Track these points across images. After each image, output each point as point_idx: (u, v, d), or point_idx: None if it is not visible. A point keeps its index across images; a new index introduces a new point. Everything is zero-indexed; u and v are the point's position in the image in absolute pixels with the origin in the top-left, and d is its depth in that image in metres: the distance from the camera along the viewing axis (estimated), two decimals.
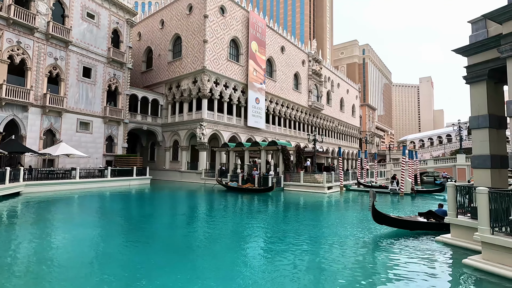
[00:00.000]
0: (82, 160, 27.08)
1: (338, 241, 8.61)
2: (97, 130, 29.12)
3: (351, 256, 7.29)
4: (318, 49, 72.33)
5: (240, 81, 36.96)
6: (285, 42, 46.74)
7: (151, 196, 21.69)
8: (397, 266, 6.68)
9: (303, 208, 16.39)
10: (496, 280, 5.88)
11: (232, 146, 28.89)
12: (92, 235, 9.32)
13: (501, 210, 6.20)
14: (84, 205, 16.62)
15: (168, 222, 12.31)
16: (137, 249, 7.98)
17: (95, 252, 7.60)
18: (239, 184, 24.18)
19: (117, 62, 30.95)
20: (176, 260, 7.00)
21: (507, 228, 6.11)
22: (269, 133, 42.38)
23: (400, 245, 8.28)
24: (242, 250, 7.95)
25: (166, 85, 36.92)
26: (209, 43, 32.57)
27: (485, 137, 7.98)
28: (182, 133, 34.46)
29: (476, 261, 6.40)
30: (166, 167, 36.05)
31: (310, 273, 6.20)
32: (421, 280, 5.93)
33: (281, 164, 24.97)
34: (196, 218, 13.38)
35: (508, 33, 6.38)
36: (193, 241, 9.04)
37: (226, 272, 6.21)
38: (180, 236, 9.68)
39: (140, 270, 6.21)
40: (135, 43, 42.03)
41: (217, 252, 7.80)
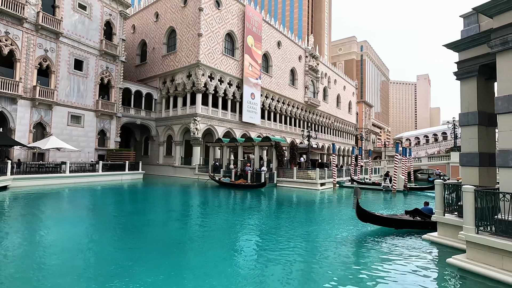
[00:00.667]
0: (74, 154, 26.72)
1: (323, 239, 8.47)
2: (89, 123, 28.69)
3: (333, 255, 7.14)
4: (315, 44, 71.88)
5: (235, 76, 36.58)
6: (282, 37, 46.28)
7: (142, 191, 21.45)
8: (380, 265, 6.55)
9: (292, 205, 16.26)
10: (479, 279, 5.77)
11: (226, 141, 28.65)
12: (76, 231, 9.10)
13: (487, 209, 6.07)
14: (72, 200, 16.36)
15: (156, 218, 12.10)
16: (121, 245, 7.78)
17: (77, 247, 7.38)
18: (232, 180, 24.00)
19: (109, 54, 30.41)
20: (160, 257, 6.81)
21: (492, 228, 5.98)
22: (265, 128, 42.16)
23: (385, 244, 8.16)
24: (227, 248, 7.78)
25: (160, 79, 36.46)
26: (203, 37, 32.10)
27: (474, 134, 7.83)
28: (176, 127, 34.13)
29: (460, 261, 6.28)
30: (160, 162, 35.76)
31: (291, 273, 6.05)
32: (403, 279, 5.81)
33: (274, 160, 24.81)
34: (185, 214, 13.20)
35: (499, 27, 6.19)
36: (179, 237, 8.87)
37: (207, 270, 6.04)
38: (166, 232, 9.50)
39: (121, 267, 6.03)
40: (129, 36, 41.38)
41: (202, 249, 7.63)
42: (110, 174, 26.14)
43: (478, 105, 7.83)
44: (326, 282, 5.58)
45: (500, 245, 5.61)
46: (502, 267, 5.67)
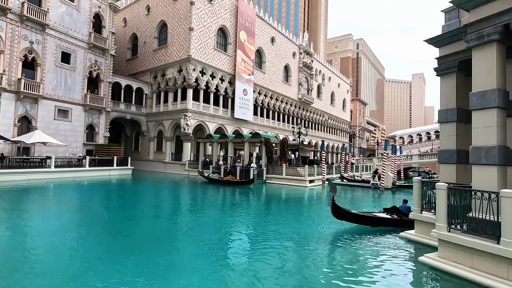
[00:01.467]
0: (61, 149, 26.26)
1: (298, 237, 8.31)
2: (76, 118, 28.20)
3: (306, 253, 7.00)
4: (310, 41, 71.66)
5: (227, 72, 36.22)
6: (276, 33, 45.92)
7: (128, 187, 21.18)
8: (351, 263, 6.43)
9: (277, 202, 16.12)
10: (449, 278, 5.68)
11: (217, 137, 28.39)
12: (51, 227, 8.84)
13: (460, 207, 5.97)
14: (53, 195, 16.05)
15: (136, 213, 11.87)
16: (96, 242, 7.51)
17: (49, 244, 7.12)
18: (221, 176, 23.81)
19: (98, 48, 29.85)
20: (132, 255, 6.59)
21: (463, 226, 5.88)
22: (257, 125, 41.94)
23: (360, 241, 8.05)
24: (203, 245, 7.60)
25: (151, 73, 35.96)
26: (195, 31, 31.65)
27: (452, 131, 7.73)
28: (166, 123, 33.76)
29: (432, 259, 6.19)
30: (150, 157, 35.40)
31: (259, 271, 5.89)
32: (371, 277, 5.69)
33: (264, 157, 24.65)
34: (167, 211, 12.99)
35: (475, 20, 6.04)
36: (157, 234, 8.65)
37: (178, 269, 5.86)
38: (145, 229, 9.28)
39: (88, 263, 5.83)
40: (120, 30, 40.68)
41: (178, 246, 7.45)
42: (98, 170, 25.76)
43: (457, 102, 7.72)
44: (293, 281, 5.43)
45: (470, 244, 5.52)
46: (471, 266, 5.58)
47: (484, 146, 5.81)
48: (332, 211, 8.14)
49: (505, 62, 5.95)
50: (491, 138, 5.73)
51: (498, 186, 5.58)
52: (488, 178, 5.73)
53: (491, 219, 5.36)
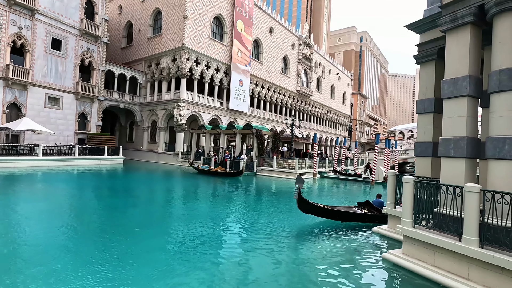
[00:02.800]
0: (52, 137, 26.06)
1: (265, 230, 7.93)
2: (68, 106, 27.91)
3: (267, 249, 6.71)
4: (310, 33, 70.41)
5: (223, 62, 35.62)
6: (274, 23, 45.01)
7: (116, 176, 21.00)
8: (313, 259, 6.14)
9: (259, 193, 15.86)
10: (410, 276, 5.38)
11: (209, 128, 28.06)
12: (19, 217, 8.60)
13: (427, 202, 5.63)
14: (35, 182, 15.87)
15: (114, 203, 11.63)
16: (60, 232, 7.22)
17: (7, 236, 6.88)
18: (211, 168, 23.56)
19: (91, 35, 29.31)
20: (95, 244, 6.35)
21: (429, 222, 5.55)
22: (253, 117, 41.50)
23: (329, 236, 7.73)
24: (171, 236, 7.35)
25: (146, 62, 35.44)
26: (189, 19, 30.97)
27: (429, 122, 7.33)
28: (160, 113, 33.41)
29: (395, 256, 5.89)
30: (144, 147, 35.20)
31: (213, 266, 5.63)
32: (328, 274, 5.41)
33: (255, 148, 24.33)
34: (145, 201, 12.75)
35: (450, 1, 5.58)
36: (128, 224, 8.36)
37: (138, 258, 5.60)
38: (116, 219, 9.01)
39: (44, 255, 5.58)
40: (116, 17, 40.02)
41: (145, 237, 7.17)
42: (88, 158, 25.59)
43: (435, 92, 7.30)
44: (249, 278, 5.16)
45: (432, 240, 5.20)
46: (433, 264, 5.27)
47: (453, 137, 5.44)
48: (298, 204, 7.80)
49: (480, 47, 5.51)
50: (461, 129, 5.35)
51: (465, 180, 5.22)
52: (456, 172, 5.38)
53: (455, 215, 5.02)
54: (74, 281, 4.57)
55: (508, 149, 4.64)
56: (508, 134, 4.69)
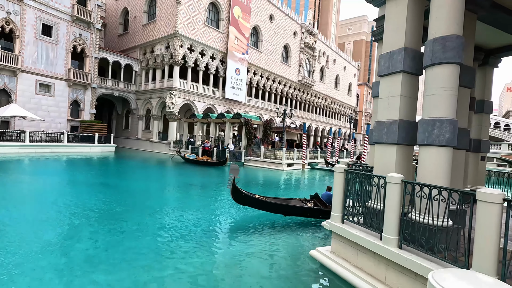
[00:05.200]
0: (43, 124, 26.11)
1: (201, 224, 7.33)
2: (60, 93, 27.83)
3: (195, 243, 6.19)
4: (317, 20, 68.35)
5: (219, 49, 34.77)
6: (275, 10, 43.57)
7: (100, 164, 20.84)
8: (235, 257, 5.58)
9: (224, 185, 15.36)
10: (330, 277, 4.76)
11: (200, 117, 27.57)
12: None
13: (357, 194, 4.96)
14: (14, 168, 15.79)
15: (77, 190, 11.33)
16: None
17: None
18: (198, 157, 23.16)
19: (83, 21, 28.93)
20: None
21: (358, 217, 4.88)
22: (251, 106, 40.74)
23: (269, 230, 7.11)
24: (96, 225, 6.95)
25: (141, 50, 34.97)
26: (182, 5, 30.13)
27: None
28: (154, 101, 33.08)
29: (322, 254, 5.26)
30: (139, 136, 35.10)
31: (121, 259, 5.15)
32: (246, 272, 4.85)
33: (243, 138, 23.74)
34: (105, 188, 12.40)
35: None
36: (66, 212, 8.02)
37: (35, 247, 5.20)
38: (61, 207, 8.67)
39: None
40: (113, 4, 39.51)
41: (75, 225, 6.80)
42: (78, 146, 25.58)
43: None
44: (161, 273, 4.66)
45: (354, 238, 4.55)
46: (356, 265, 4.63)
47: (386, 120, 4.70)
48: (232, 195, 7.17)
49: (421, 15, 4.68)
50: (394, 111, 4.60)
51: (396, 170, 4.51)
52: (388, 160, 4.66)
53: (380, 210, 4.35)
54: None
55: (437, 134, 3.90)
56: (438, 116, 3.94)
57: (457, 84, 3.98)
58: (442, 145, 3.88)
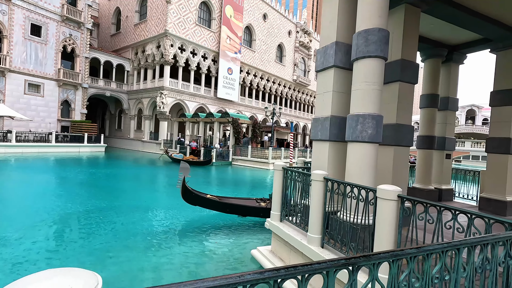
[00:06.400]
0: (33, 124, 26.13)
1: (144, 224, 7.27)
2: (49, 93, 27.82)
3: (131, 244, 6.09)
4: (312, 20, 68.12)
5: (211, 49, 34.69)
6: (269, 9, 43.43)
7: (85, 163, 20.79)
8: (179, 258, 5.49)
9: (207, 183, 15.26)
10: None
11: (189, 116, 27.50)
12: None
13: (296, 192, 4.85)
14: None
15: (36, 190, 11.27)
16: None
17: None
18: (184, 156, 23.09)
19: (73, 21, 28.90)
20: None
21: (295, 216, 4.77)
22: (245, 106, 40.63)
23: (216, 230, 7.02)
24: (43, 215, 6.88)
25: (133, 49, 34.94)
26: (173, 4, 30.07)
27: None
28: (145, 101, 33.04)
29: (261, 253, 5.16)
30: (131, 136, 35.06)
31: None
32: (188, 275, 4.76)
33: (231, 138, 23.64)
34: (80, 187, 12.34)
35: None
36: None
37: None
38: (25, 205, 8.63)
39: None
40: (105, 4, 39.52)
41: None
42: (66, 146, 25.55)
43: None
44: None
45: (286, 236, 4.46)
46: (290, 264, 4.52)
47: (321, 117, 4.60)
48: (182, 195, 7.05)
49: (355, 10, 4.57)
50: (327, 107, 4.50)
51: (328, 167, 4.41)
52: (322, 157, 4.56)
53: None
54: None
55: (360, 130, 3.79)
56: (361, 112, 3.83)
57: (381, 79, 3.87)
58: (365, 141, 3.77)
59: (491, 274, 1.92)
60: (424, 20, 6.33)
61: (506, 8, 5.69)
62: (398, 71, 4.93)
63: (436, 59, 7.75)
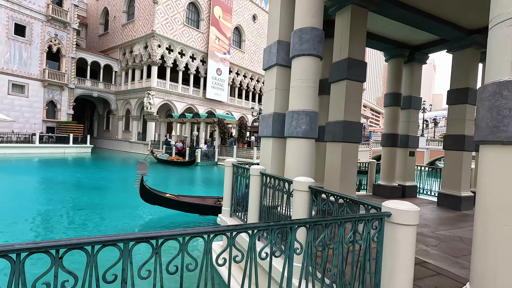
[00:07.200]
0: (17, 125, 25.80)
1: (102, 223, 7.31)
2: (34, 94, 27.53)
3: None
4: None
5: (199, 49, 34.70)
6: (258, 10, 43.65)
7: (68, 164, 20.63)
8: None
9: (187, 183, 15.31)
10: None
11: (176, 116, 27.48)
12: None
13: (243, 188, 4.95)
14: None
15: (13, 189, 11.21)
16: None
17: None
18: (169, 157, 23.07)
19: (59, 21, 28.66)
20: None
21: (243, 211, 4.86)
22: (234, 106, 40.71)
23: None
24: None
25: (121, 50, 34.77)
26: (160, 5, 30.03)
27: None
28: (133, 101, 32.90)
29: (213, 249, 5.24)
30: (119, 137, 34.86)
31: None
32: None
33: (217, 137, 23.70)
34: (43, 189, 12.25)
35: None
36: None
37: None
38: None
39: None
40: (93, 4, 39.28)
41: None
42: (50, 147, 25.30)
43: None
44: None
45: None
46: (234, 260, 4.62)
47: (266, 114, 4.71)
48: (141, 194, 7.05)
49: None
50: (271, 104, 4.61)
51: (272, 163, 4.52)
52: (266, 153, 4.67)
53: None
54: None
55: (295, 125, 3.91)
56: (296, 108, 3.95)
57: (317, 77, 4.00)
58: (299, 136, 3.88)
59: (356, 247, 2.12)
60: (382, 21, 6.51)
61: (455, 10, 5.88)
62: (345, 69, 5.07)
63: (399, 59, 7.94)
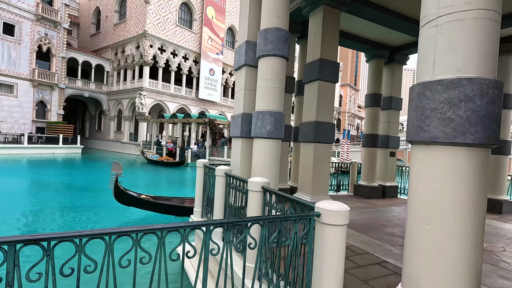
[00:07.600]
0: (5, 125, 25.51)
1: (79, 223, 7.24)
2: (23, 93, 27.22)
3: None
4: None
5: (192, 50, 34.59)
6: None
7: (55, 165, 20.41)
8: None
9: (174, 183, 15.26)
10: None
11: (168, 117, 27.36)
12: None
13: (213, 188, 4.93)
14: None
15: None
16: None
17: None
18: (160, 157, 22.95)
19: (49, 20, 28.40)
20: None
21: (211, 213, 4.85)
22: (227, 107, 40.63)
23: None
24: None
25: (112, 50, 34.53)
26: (152, 5, 29.90)
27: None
28: (125, 102, 32.68)
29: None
30: (111, 137, 34.59)
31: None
32: None
33: (208, 138, 23.63)
34: (26, 192, 12.12)
35: None
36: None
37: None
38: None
39: None
40: (85, 3, 38.98)
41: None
42: (39, 147, 25.01)
43: None
44: None
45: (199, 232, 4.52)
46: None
47: (236, 114, 4.71)
48: (115, 195, 7.00)
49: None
50: (240, 105, 4.61)
51: (241, 163, 4.51)
52: (236, 153, 4.66)
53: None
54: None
55: (260, 126, 3.90)
56: (261, 108, 3.95)
57: (282, 77, 4.00)
58: (264, 136, 3.88)
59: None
60: (360, 22, 6.55)
61: None
62: (317, 70, 5.09)
63: (379, 59, 7.99)
